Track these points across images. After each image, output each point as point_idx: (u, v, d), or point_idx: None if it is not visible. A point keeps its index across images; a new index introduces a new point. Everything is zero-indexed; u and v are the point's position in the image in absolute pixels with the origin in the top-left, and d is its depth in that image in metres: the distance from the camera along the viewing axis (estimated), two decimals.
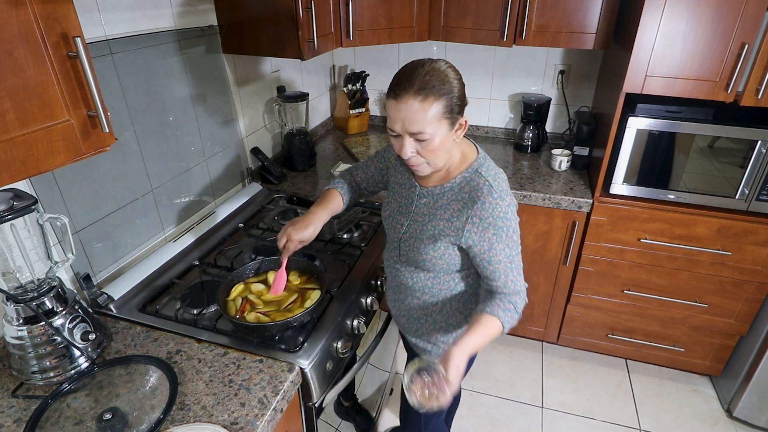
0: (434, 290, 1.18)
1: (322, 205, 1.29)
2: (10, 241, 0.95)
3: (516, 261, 1.07)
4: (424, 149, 1.01)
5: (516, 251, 1.07)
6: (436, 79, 0.95)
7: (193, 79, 1.54)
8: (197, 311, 1.24)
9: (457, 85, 0.98)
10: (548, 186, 1.97)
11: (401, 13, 1.91)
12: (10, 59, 0.71)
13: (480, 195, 1.04)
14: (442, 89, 0.95)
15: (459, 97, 0.99)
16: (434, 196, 1.12)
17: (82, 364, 1.06)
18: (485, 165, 1.10)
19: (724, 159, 1.71)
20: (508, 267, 1.05)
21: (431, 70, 0.96)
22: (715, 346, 2.06)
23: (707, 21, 1.49)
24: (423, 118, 0.96)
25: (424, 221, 1.13)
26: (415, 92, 0.95)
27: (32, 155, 0.76)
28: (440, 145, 1.01)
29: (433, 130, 0.98)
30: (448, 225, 1.08)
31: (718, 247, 1.82)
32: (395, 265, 1.24)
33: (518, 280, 1.07)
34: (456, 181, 1.09)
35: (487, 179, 1.06)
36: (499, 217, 1.02)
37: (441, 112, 0.96)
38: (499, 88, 2.43)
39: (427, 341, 1.26)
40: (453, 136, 1.04)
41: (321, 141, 2.47)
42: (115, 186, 1.32)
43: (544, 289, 2.17)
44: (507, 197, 1.05)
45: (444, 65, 0.99)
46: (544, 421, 2.04)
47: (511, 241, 1.05)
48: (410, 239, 1.15)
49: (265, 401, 0.99)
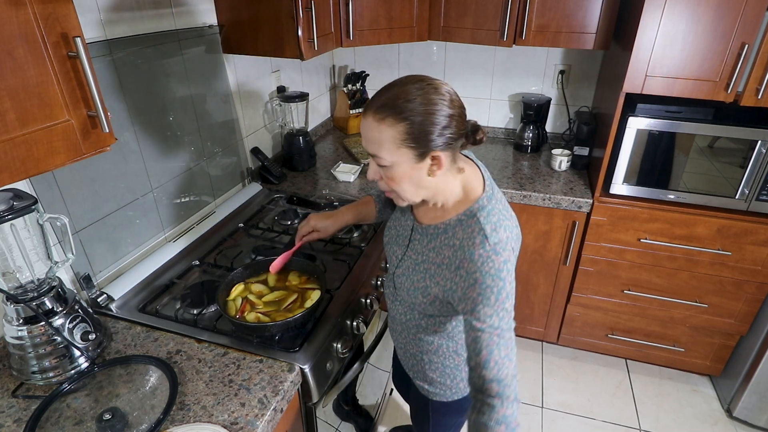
0: (429, 330, 1.08)
1: (352, 205, 1.28)
2: (10, 241, 0.95)
3: (506, 336, 0.85)
4: (385, 176, 0.90)
5: (507, 324, 0.85)
6: (403, 100, 0.82)
7: (193, 79, 1.54)
8: (197, 311, 1.24)
9: (431, 113, 0.82)
10: (548, 186, 1.97)
11: (401, 13, 1.91)
12: (10, 59, 0.71)
13: (471, 245, 0.88)
14: (405, 112, 0.82)
15: (434, 127, 0.83)
16: (428, 235, 0.99)
17: (82, 364, 1.06)
18: (486, 208, 0.92)
19: (724, 159, 1.71)
20: (494, 341, 0.84)
21: (406, 90, 0.83)
22: (715, 346, 2.06)
23: (707, 21, 1.49)
24: (378, 139, 0.85)
25: (417, 260, 1.01)
26: (375, 110, 0.85)
27: (32, 155, 0.76)
28: (403, 176, 0.88)
29: (391, 157, 0.86)
30: (439, 271, 0.95)
31: (718, 247, 1.82)
32: (391, 298, 1.16)
33: (506, 363, 0.84)
34: (451, 222, 0.95)
35: (484, 227, 0.88)
36: (489, 274, 0.85)
37: (399, 138, 0.83)
38: (499, 88, 2.43)
39: (423, 380, 1.18)
40: (425, 172, 0.87)
41: (321, 141, 2.47)
42: (115, 186, 1.32)
43: (544, 289, 2.17)
44: (504, 251, 0.87)
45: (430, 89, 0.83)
46: (544, 421, 2.04)
47: (502, 309, 0.85)
48: (403, 276, 1.04)
49: (265, 401, 0.99)
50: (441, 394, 1.17)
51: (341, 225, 1.29)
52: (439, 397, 1.18)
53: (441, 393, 1.17)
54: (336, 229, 1.29)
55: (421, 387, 1.21)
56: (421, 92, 0.83)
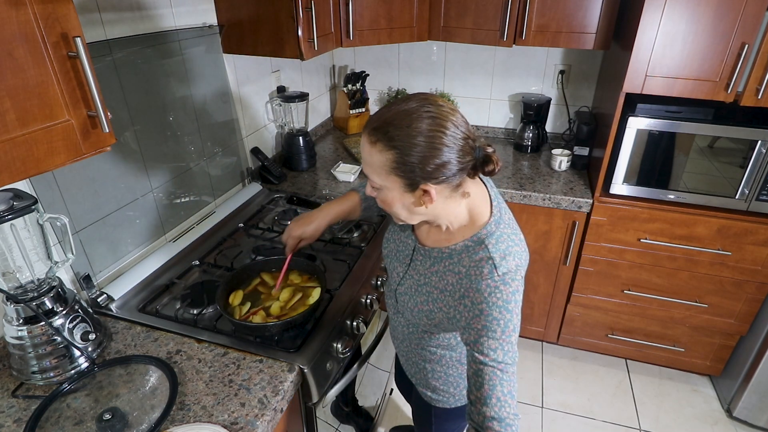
0: (432, 343, 1.07)
1: (334, 202, 1.21)
2: (10, 241, 0.95)
3: (509, 372, 0.81)
4: (378, 198, 0.87)
5: (512, 358, 0.82)
6: (396, 126, 0.77)
7: (193, 79, 1.54)
8: (197, 311, 1.24)
9: (424, 145, 0.76)
10: (548, 186, 1.97)
11: (401, 13, 1.91)
12: (10, 59, 0.71)
13: (478, 274, 0.84)
14: (395, 140, 0.77)
15: (423, 159, 0.77)
16: (432, 258, 0.94)
17: (82, 364, 1.06)
18: (495, 235, 0.87)
19: (724, 159, 1.71)
20: (497, 376, 0.81)
21: (402, 114, 0.77)
22: (715, 346, 2.06)
23: (707, 21, 1.49)
24: (369, 162, 0.82)
25: (420, 282, 0.97)
26: (369, 131, 0.80)
27: (32, 155, 0.76)
28: (392, 201, 0.85)
29: (381, 182, 0.83)
30: (441, 297, 0.91)
31: (718, 247, 1.82)
32: (393, 310, 1.14)
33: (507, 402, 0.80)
34: (456, 248, 0.89)
35: (492, 256, 0.83)
36: (496, 306, 0.81)
37: (389, 165, 0.79)
38: (499, 88, 2.43)
39: (426, 387, 1.17)
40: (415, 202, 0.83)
41: (321, 141, 2.47)
42: (115, 186, 1.32)
43: (544, 289, 2.17)
44: (514, 282, 0.83)
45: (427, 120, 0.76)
46: (544, 421, 2.04)
47: (507, 342, 0.82)
48: (406, 296, 1.01)
49: (265, 401, 0.99)
50: (444, 401, 1.17)
51: (325, 226, 1.22)
52: (442, 404, 1.18)
53: (444, 400, 1.17)
54: (321, 231, 1.23)
55: (424, 393, 1.20)
56: (417, 121, 0.77)
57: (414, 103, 0.79)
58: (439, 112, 0.78)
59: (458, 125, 0.79)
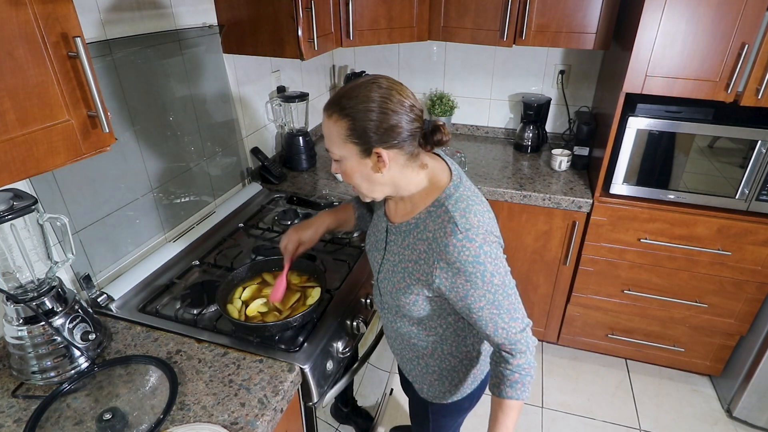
0: (421, 335, 1.08)
1: (330, 210, 1.28)
2: (10, 241, 0.95)
3: (504, 305, 0.91)
4: (340, 170, 0.94)
5: (502, 294, 0.90)
6: (348, 97, 0.86)
7: (193, 79, 1.54)
8: (197, 311, 1.24)
9: (375, 110, 0.84)
10: (548, 186, 1.97)
11: (401, 13, 1.91)
12: (10, 59, 0.71)
13: (443, 235, 0.88)
14: (348, 109, 0.86)
15: (374, 123, 0.85)
16: (401, 233, 0.98)
17: (82, 364, 1.06)
18: (455, 196, 0.92)
19: (724, 159, 1.71)
20: (493, 314, 0.91)
21: (353, 87, 0.87)
22: (715, 346, 2.06)
23: (707, 21, 1.49)
24: (329, 134, 0.90)
25: (395, 261, 1.00)
26: (326, 106, 0.90)
27: (32, 155, 0.76)
28: (352, 171, 0.92)
29: (340, 151, 0.90)
30: (416, 268, 0.94)
31: (718, 247, 1.82)
32: (380, 306, 1.15)
33: (511, 325, 0.92)
34: (421, 216, 0.94)
35: (453, 215, 0.89)
36: (468, 262, 0.86)
37: (344, 133, 0.87)
38: (499, 88, 2.43)
39: (422, 383, 1.18)
40: (372, 168, 0.90)
41: (321, 141, 2.47)
42: (115, 186, 1.32)
43: (544, 289, 2.17)
44: (478, 236, 0.87)
45: (375, 88, 0.86)
46: (544, 421, 2.04)
47: (491, 285, 0.89)
48: (385, 281, 1.04)
49: (265, 401, 0.99)
50: (440, 396, 1.17)
51: (323, 232, 1.26)
52: (438, 399, 1.18)
53: (440, 396, 1.17)
54: (319, 237, 1.26)
55: (420, 389, 1.21)
56: (365, 91, 0.86)
57: (363, 79, 0.89)
58: (387, 83, 0.88)
59: (405, 95, 0.88)
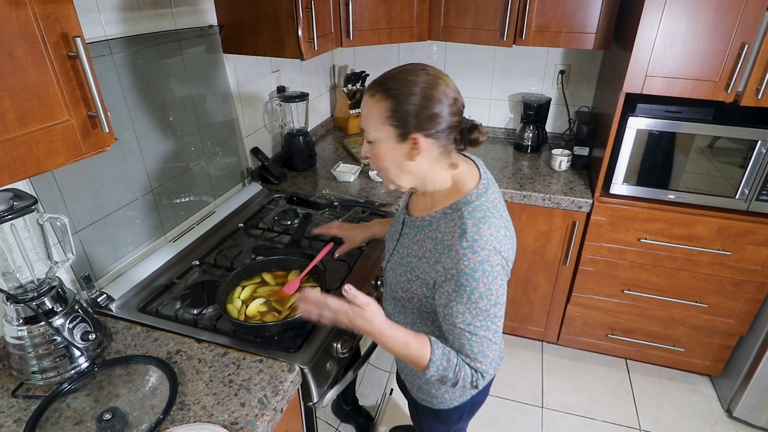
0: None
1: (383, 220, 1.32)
2: (10, 241, 0.95)
3: (479, 333, 0.86)
4: (371, 154, 0.93)
5: (482, 321, 0.86)
6: (395, 80, 0.86)
7: (193, 79, 1.54)
8: (197, 311, 1.24)
9: (419, 95, 0.84)
10: (548, 186, 1.97)
11: (401, 13, 1.91)
12: (10, 59, 0.71)
13: (450, 239, 0.87)
14: (394, 90, 0.85)
15: (416, 108, 0.84)
16: (415, 227, 0.99)
17: (82, 364, 1.06)
18: (474, 204, 0.90)
19: (724, 159, 1.71)
20: (465, 336, 0.87)
21: (401, 71, 0.88)
22: (715, 346, 2.06)
23: (707, 21, 1.49)
24: (368, 114, 0.90)
25: (403, 254, 1.00)
26: (371, 85, 0.90)
27: (32, 155, 0.76)
28: (384, 155, 0.90)
29: (376, 133, 0.89)
30: (419, 265, 0.94)
31: (718, 247, 1.82)
32: (386, 299, 1.17)
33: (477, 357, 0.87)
34: (436, 215, 0.94)
35: (466, 222, 0.87)
36: (463, 273, 0.84)
37: (384, 114, 0.86)
38: (499, 88, 2.43)
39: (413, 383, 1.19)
40: (406, 155, 0.89)
41: (321, 141, 2.47)
42: (115, 186, 1.32)
43: (544, 289, 2.17)
44: (483, 250, 0.84)
45: (423, 75, 0.86)
46: (544, 421, 2.04)
47: (475, 308, 0.85)
48: (391, 271, 1.05)
49: (265, 401, 0.99)
50: (428, 401, 1.18)
51: (369, 235, 1.31)
52: (426, 403, 1.19)
53: (428, 400, 1.18)
54: (364, 238, 1.32)
55: (411, 390, 1.22)
56: (413, 75, 0.86)
57: (412, 65, 0.90)
58: (435, 71, 0.89)
59: (450, 86, 0.89)
